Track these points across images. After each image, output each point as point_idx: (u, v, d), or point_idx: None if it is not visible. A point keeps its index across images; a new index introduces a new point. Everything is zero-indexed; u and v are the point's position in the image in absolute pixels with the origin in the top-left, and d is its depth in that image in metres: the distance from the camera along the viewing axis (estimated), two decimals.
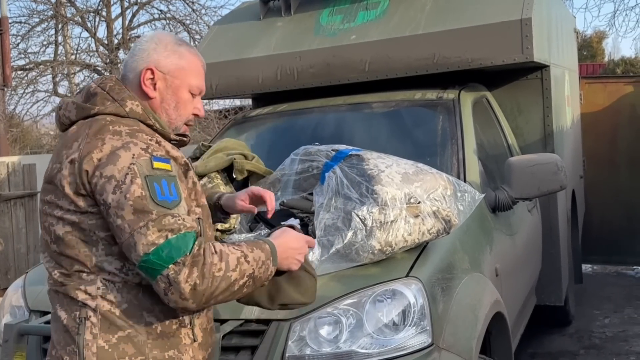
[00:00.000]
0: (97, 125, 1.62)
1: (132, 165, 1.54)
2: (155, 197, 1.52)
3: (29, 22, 12.81)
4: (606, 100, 6.60)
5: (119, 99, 1.67)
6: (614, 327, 4.96)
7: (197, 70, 1.77)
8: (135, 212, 1.51)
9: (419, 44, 3.70)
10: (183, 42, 1.80)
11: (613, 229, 6.42)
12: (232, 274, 1.55)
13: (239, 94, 4.36)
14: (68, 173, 1.58)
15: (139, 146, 1.57)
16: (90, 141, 1.58)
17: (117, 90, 1.69)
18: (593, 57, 20.59)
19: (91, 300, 1.59)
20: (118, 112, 1.66)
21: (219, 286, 1.53)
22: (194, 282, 1.49)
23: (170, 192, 1.56)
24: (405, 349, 2.13)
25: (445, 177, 2.44)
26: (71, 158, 1.58)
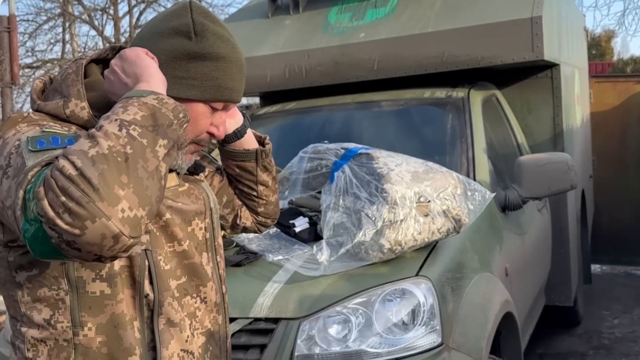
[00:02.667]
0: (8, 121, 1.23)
1: (16, 142, 1.15)
2: (35, 147, 1.12)
3: (36, 20, 12.88)
4: (616, 99, 6.56)
5: (66, 94, 1.26)
6: (623, 328, 4.93)
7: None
8: (15, 184, 1.09)
9: (428, 42, 3.69)
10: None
11: (622, 228, 6.39)
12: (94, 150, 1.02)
13: (247, 92, 4.35)
14: None
15: (31, 129, 1.18)
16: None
17: (70, 82, 1.27)
18: (602, 56, 20.50)
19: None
20: (55, 112, 1.25)
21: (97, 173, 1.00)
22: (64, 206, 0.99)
23: (62, 142, 1.14)
24: (414, 348, 2.12)
25: (455, 175, 2.43)
26: None
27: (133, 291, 1.25)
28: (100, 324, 1.23)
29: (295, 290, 2.21)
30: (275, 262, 2.38)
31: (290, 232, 2.54)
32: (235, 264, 2.38)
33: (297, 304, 2.16)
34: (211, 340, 1.39)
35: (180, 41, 1.27)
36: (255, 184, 1.58)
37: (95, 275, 1.22)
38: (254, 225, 1.65)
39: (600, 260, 6.53)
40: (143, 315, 1.26)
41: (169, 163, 1.10)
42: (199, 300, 1.36)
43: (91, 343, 1.23)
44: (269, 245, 2.50)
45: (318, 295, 2.19)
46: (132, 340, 1.24)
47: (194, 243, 1.36)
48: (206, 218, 1.40)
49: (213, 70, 1.29)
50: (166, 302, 1.28)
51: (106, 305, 1.23)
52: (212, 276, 1.40)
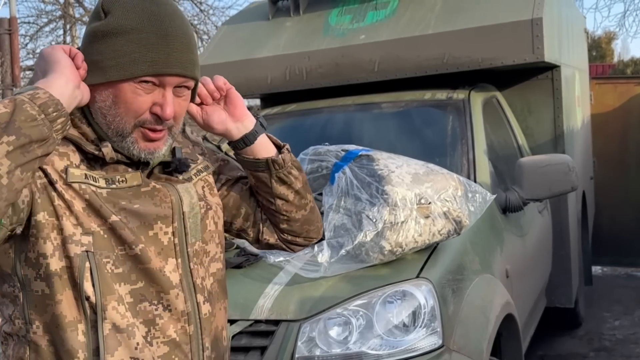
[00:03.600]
0: None
1: None
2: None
3: (37, 23, 12.87)
4: (616, 100, 6.56)
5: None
6: (624, 330, 4.92)
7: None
8: None
9: (429, 44, 3.69)
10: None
11: (623, 230, 6.38)
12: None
13: (248, 94, 4.35)
14: None
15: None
16: None
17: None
18: (602, 58, 20.50)
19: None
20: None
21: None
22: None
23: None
24: (415, 350, 2.12)
25: (456, 177, 2.43)
26: None
27: (75, 293, 1.22)
28: (45, 323, 1.22)
29: (296, 292, 2.21)
30: (275, 263, 2.38)
31: None
32: (236, 266, 2.38)
33: (298, 306, 2.16)
34: (177, 351, 1.30)
35: (92, 25, 1.23)
36: (272, 197, 1.46)
37: (36, 275, 1.21)
38: (279, 243, 1.54)
39: (601, 262, 6.52)
40: (87, 319, 1.22)
41: (16, 161, 1.07)
42: (161, 308, 1.28)
43: (40, 341, 1.23)
44: None
45: (319, 297, 2.19)
46: (74, 343, 1.21)
47: (157, 248, 1.29)
48: (174, 222, 1.31)
49: (124, 45, 1.21)
50: (110, 306, 1.22)
51: (47, 305, 1.22)
52: (181, 284, 1.30)
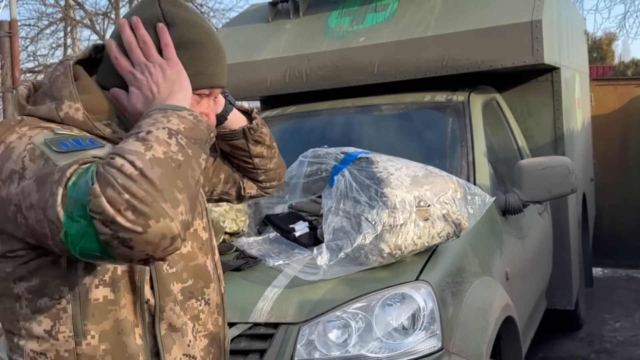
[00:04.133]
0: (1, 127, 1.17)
1: (29, 145, 1.11)
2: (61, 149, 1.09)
3: (38, 25, 12.88)
4: (617, 102, 6.56)
5: (57, 97, 1.22)
6: (625, 331, 4.92)
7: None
8: (39, 186, 1.06)
9: (428, 46, 3.69)
10: None
11: (624, 232, 6.38)
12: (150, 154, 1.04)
13: (248, 96, 4.36)
14: None
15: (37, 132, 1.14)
16: None
17: (60, 84, 1.23)
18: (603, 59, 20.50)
19: None
20: (49, 116, 1.21)
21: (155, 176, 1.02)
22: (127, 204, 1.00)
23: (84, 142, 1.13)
24: (414, 353, 2.11)
25: (455, 179, 2.42)
26: None
27: (134, 296, 1.22)
28: (103, 331, 1.20)
29: (295, 295, 2.21)
30: (275, 266, 2.38)
31: (290, 237, 2.53)
32: (235, 269, 2.38)
33: (297, 309, 2.16)
34: (213, 343, 1.36)
35: (153, 32, 1.24)
36: (249, 158, 1.58)
37: (99, 282, 1.20)
38: (259, 192, 1.67)
39: (602, 264, 6.51)
40: (145, 322, 1.23)
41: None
42: (203, 303, 1.34)
43: (94, 351, 1.20)
44: (268, 249, 2.50)
45: (318, 299, 2.18)
46: (135, 346, 1.21)
47: (198, 244, 1.34)
48: (204, 217, 1.38)
49: (190, 59, 1.26)
50: (167, 307, 1.25)
51: (110, 311, 1.20)
52: (213, 277, 1.38)
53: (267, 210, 2.74)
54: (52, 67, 1.29)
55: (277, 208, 2.70)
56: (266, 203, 2.76)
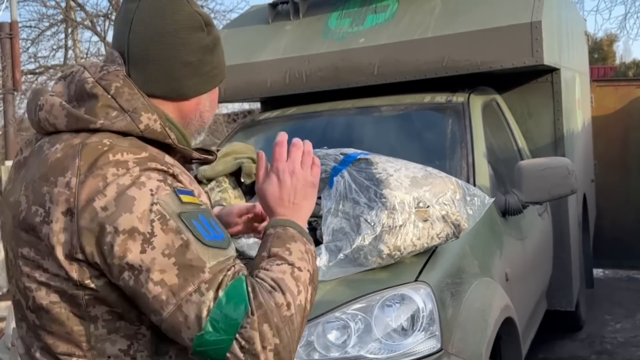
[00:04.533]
0: (90, 152, 1.13)
1: (156, 207, 1.10)
2: (202, 239, 1.10)
3: (39, 27, 12.91)
4: (617, 103, 6.57)
5: (129, 110, 1.19)
6: (626, 332, 4.91)
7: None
8: (182, 273, 1.07)
9: (428, 47, 3.69)
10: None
11: (624, 233, 6.38)
12: (299, 297, 1.13)
13: (248, 97, 4.36)
14: (60, 229, 1.12)
15: (154, 178, 1.12)
16: (85, 180, 1.11)
17: (127, 96, 1.20)
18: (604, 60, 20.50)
19: None
20: (129, 130, 1.19)
21: (297, 325, 1.11)
22: (274, 345, 1.07)
23: (214, 229, 1.14)
24: (414, 354, 2.11)
25: (454, 180, 2.42)
26: (64, 209, 1.11)
27: None
28: (180, 350, 1.18)
29: None
30: None
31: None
32: None
33: None
34: None
35: (199, 37, 1.27)
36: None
37: None
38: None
39: (603, 265, 6.51)
40: None
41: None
42: None
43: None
44: None
45: (317, 300, 2.14)
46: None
47: None
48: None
49: (221, 54, 1.34)
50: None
51: None
52: None
53: None
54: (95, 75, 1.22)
55: None
56: None
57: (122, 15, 1.28)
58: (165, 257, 1.08)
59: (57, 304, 1.16)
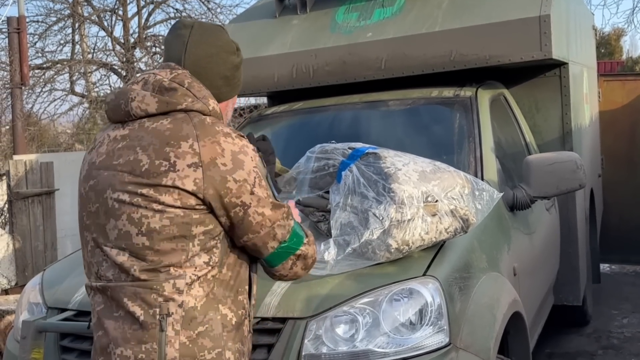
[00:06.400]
0: (201, 125, 1.67)
1: (255, 169, 1.68)
2: (275, 193, 1.77)
3: (46, 21, 12.90)
4: (625, 98, 6.54)
5: (201, 97, 1.72)
6: (633, 328, 4.90)
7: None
8: (274, 208, 1.70)
9: (436, 41, 3.68)
10: None
11: (631, 228, 6.36)
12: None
13: (255, 92, 4.36)
14: (187, 175, 1.62)
15: (250, 148, 1.70)
16: (206, 145, 1.64)
17: (197, 88, 1.73)
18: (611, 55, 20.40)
19: (178, 295, 1.62)
20: (203, 110, 1.72)
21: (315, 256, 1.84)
22: (315, 256, 1.83)
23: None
24: (422, 348, 2.11)
25: (463, 175, 2.42)
26: (190, 162, 1.62)
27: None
28: (229, 263, 1.72)
29: (303, 290, 2.21)
30: None
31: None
32: None
33: (305, 304, 2.16)
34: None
35: (234, 59, 1.84)
36: None
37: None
38: None
39: (610, 260, 6.50)
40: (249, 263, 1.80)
41: None
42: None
43: (224, 277, 1.70)
44: None
45: (325, 294, 2.18)
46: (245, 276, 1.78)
47: None
48: None
49: (242, 70, 1.90)
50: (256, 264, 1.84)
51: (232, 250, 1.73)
52: None
53: None
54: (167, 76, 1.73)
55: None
56: None
57: (175, 38, 1.80)
58: (266, 198, 1.69)
59: (168, 227, 1.62)
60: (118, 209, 1.66)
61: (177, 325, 1.61)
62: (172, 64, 1.78)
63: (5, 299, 5.94)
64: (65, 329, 2.36)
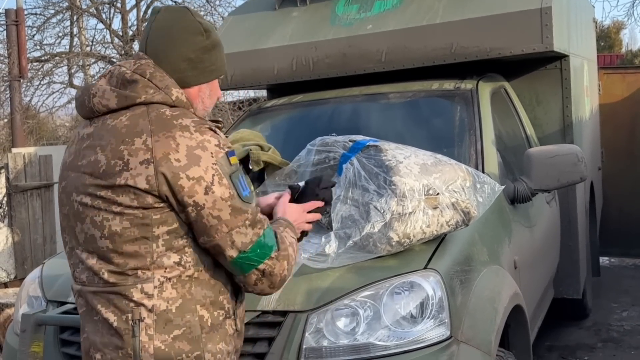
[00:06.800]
0: (158, 119, 1.58)
1: (215, 166, 1.56)
2: (241, 195, 1.60)
3: (44, 14, 12.85)
4: (625, 91, 6.52)
5: (163, 87, 1.64)
6: (632, 321, 4.91)
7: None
8: (233, 212, 1.58)
9: (437, 34, 3.66)
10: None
11: (631, 221, 6.36)
12: (295, 259, 1.73)
13: (254, 85, 4.34)
14: (139, 173, 1.54)
15: (212, 143, 1.58)
16: (159, 140, 1.55)
17: (160, 78, 1.64)
18: (611, 48, 20.37)
19: (147, 300, 1.57)
20: (165, 100, 1.63)
21: (291, 271, 1.71)
22: (284, 274, 1.67)
23: (245, 185, 1.62)
24: (423, 341, 2.11)
25: (464, 168, 2.41)
26: (142, 159, 1.54)
27: None
28: (209, 262, 1.64)
29: (303, 283, 2.20)
30: None
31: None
32: None
33: (305, 297, 2.16)
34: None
35: (200, 40, 1.70)
36: None
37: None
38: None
39: (609, 253, 6.50)
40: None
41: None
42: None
43: (203, 276, 1.63)
44: None
45: (326, 288, 2.18)
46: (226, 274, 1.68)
47: None
48: None
49: (219, 54, 1.76)
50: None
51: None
52: None
53: None
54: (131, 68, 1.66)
55: None
56: (274, 191, 2.75)
57: (145, 26, 1.73)
58: (223, 201, 1.56)
59: (129, 229, 1.56)
60: (82, 212, 1.62)
61: (150, 330, 1.56)
62: (140, 53, 1.71)
63: (4, 292, 5.94)
64: (65, 322, 2.36)
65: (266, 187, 2.77)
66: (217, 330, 1.64)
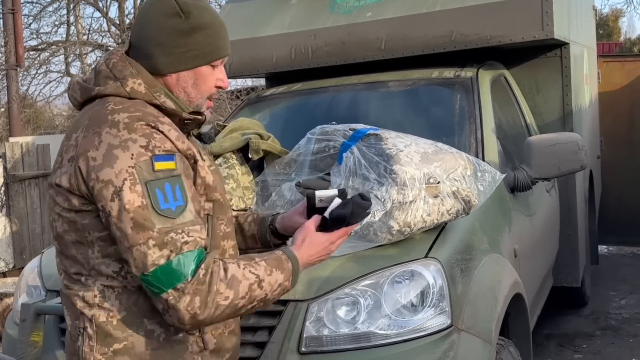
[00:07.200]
0: (96, 114, 1.45)
1: (131, 169, 1.37)
2: (157, 207, 1.37)
3: (40, 2, 12.79)
4: (624, 79, 6.52)
5: (120, 77, 1.50)
6: (630, 309, 4.93)
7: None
8: (135, 227, 1.36)
9: (437, 21, 3.64)
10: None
11: (630, 210, 6.37)
12: (239, 301, 1.42)
13: (253, 73, 4.32)
14: (65, 171, 1.44)
15: (138, 143, 1.39)
16: (87, 136, 1.42)
17: (120, 68, 1.51)
18: (609, 36, 20.32)
19: (88, 309, 1.47)
20: (118, 92, 1.49)
21: (222, 313, 1.41)
22: (194, 312, 1.37)
23: (175, 196, 1.39)
24: (423, 330, 2.11)
25: (465, 156, 2.40)
26: (70, 156, 1.44)
27: None
28: None
29: (304, 272, 2.19)
30: None
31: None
32: None
33: (306, 286, 2.15)
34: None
35: (175, 23, 1.52)
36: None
37: None
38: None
39: (608, 241, 6.51)
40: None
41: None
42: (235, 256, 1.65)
43: None
44: None
45: (327, 276, 2.17)
46: None
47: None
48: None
49: (206, 38, 1.54)
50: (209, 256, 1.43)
51: None
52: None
53: (274, 188, 2.72)
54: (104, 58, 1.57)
55: (284, 186, 2.68)
56: (273, 181, 2.74)
57: None
58: (125, 212, 1.36)
59: (67, 232, 1.47)
60: (49, 212, 1.56)
61: (91, 341, 1.46)
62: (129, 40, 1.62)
63: (3, 281, 5.94)
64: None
65: (265, 176, 2.76)
66: (171, 347, 1.48)
